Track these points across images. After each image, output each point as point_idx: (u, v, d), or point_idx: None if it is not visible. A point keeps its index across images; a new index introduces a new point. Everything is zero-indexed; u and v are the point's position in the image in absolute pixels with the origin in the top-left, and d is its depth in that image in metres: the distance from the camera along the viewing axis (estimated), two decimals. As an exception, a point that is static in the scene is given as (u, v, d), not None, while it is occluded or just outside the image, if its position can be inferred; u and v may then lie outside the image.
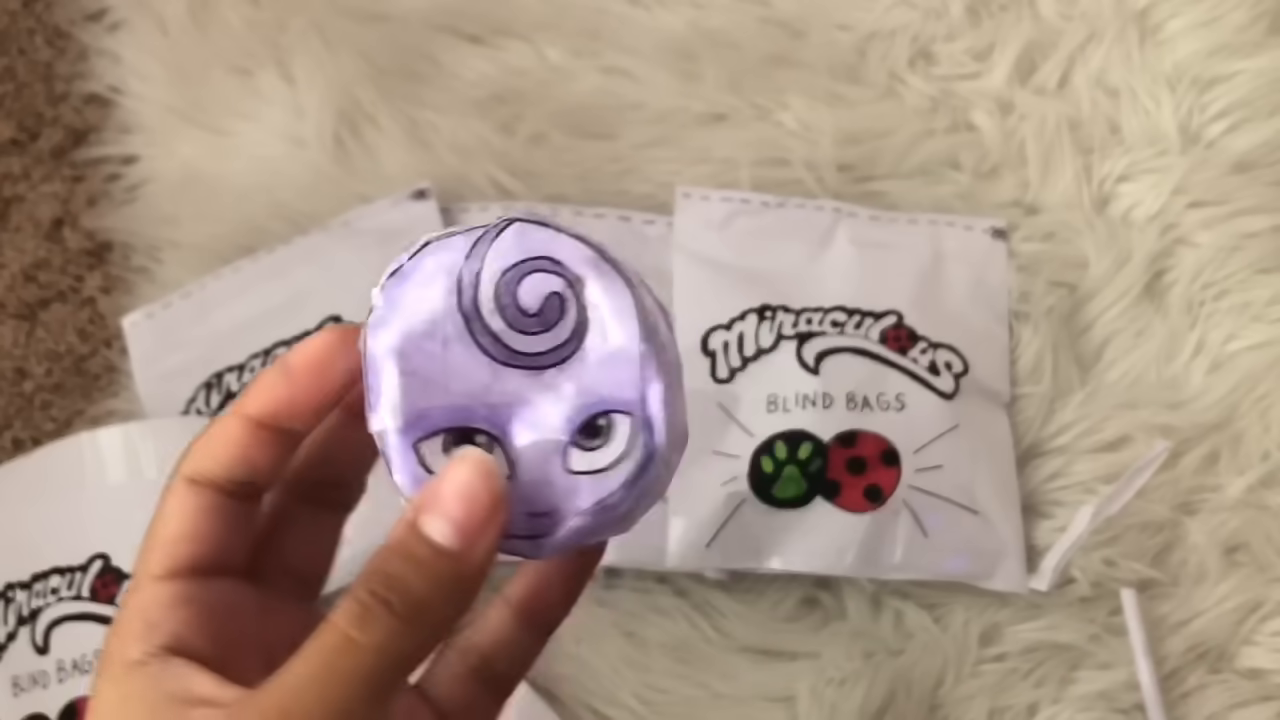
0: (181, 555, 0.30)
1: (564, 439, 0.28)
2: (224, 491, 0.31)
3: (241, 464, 0.31)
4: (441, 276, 0.28)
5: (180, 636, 0.29)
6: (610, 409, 0.28)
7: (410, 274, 0.29)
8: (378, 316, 0.28)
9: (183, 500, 0.31)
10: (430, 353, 0.28)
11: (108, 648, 0.30)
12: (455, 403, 0.28)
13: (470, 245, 0.29)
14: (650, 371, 0.28)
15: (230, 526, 0.31)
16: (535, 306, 0.28)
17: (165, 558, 0.30)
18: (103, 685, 0.29)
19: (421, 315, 0.28)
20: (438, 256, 0.29)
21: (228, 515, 0.31)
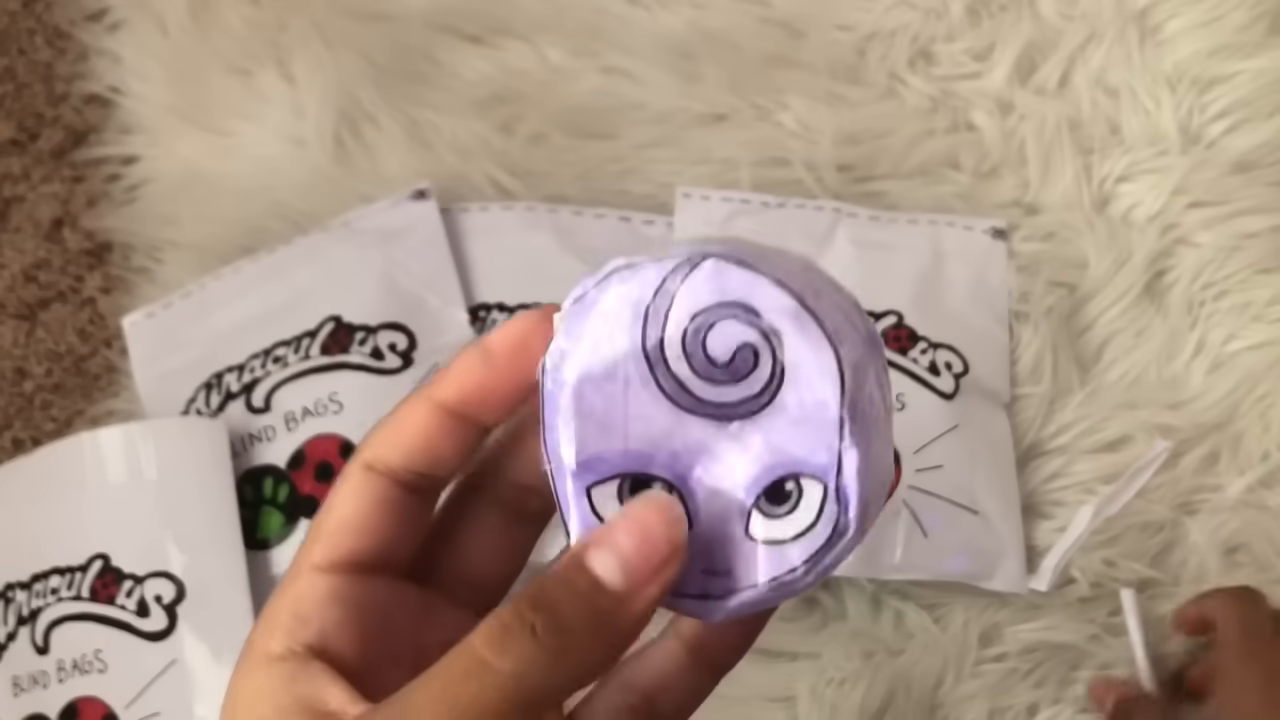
0: (346, 547, 0.28)
1: (747, 501, 0.26)
2: (401, 483, 0.29)
3: (425, 454, 0.29)
4: (626, 312, 0.26)
5: (327, 636, 0.28)
6: (800, 473, 0.26)
7: (593, 304, 0.26)
8: (557, 348, 0.27)
9: (357, 488, 0.29)
10: (610, 394, 0.26)
11: (254, 632, 0.28)
12: (633, 448, 0.27)
13: (660, 280, 0.26)
14: (849, 438, 0.26)
15: (403, 521, 0.29)
16: (725, 357, 0.26)
17: (329, 547, 0.28)
18: (240, 673, 0.28)
19: (602, 353, 0.26)
20: (624, 288, 0.26)
21: (402, 509, 0.29)
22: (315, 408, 0.59)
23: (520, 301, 0.62)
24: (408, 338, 0.60)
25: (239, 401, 0.60)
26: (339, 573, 0.28)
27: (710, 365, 0.26)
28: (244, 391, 0.60)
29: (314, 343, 0.60)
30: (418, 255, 0.62)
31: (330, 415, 0.58)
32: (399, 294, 0.61)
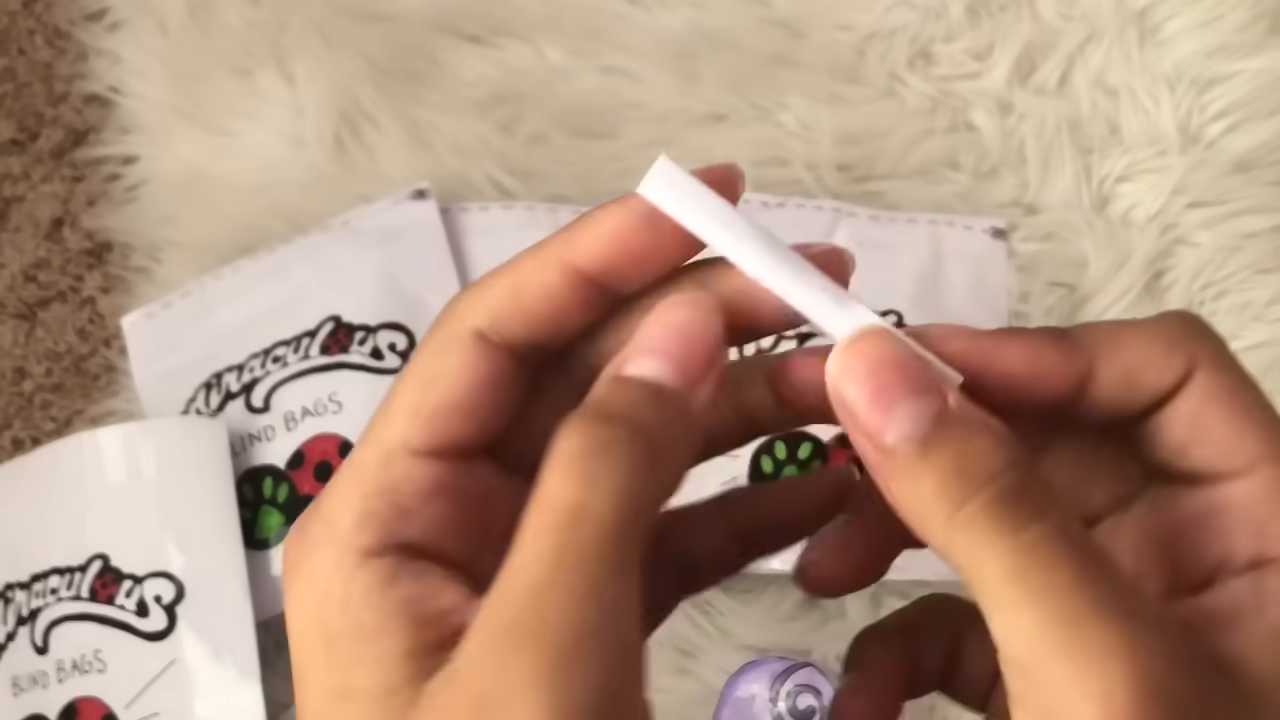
0: (453, 431, 0.25)
1: None
2: (516, 356, 0.26)
3: (551, 325, 0.25)
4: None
5: (431, 532, 0.25)
6: None
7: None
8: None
9: (468, 360, 0.25)
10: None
11: (325, 520, 0.25)
12: None
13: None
14: None
15: (511, 400, 0.26)
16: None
17: (434, 430, 0.25)
18: (316, 570, 0.24)
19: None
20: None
21: (512, 387, 0.26)
22: (315, 408, 0.59)
23: (520, 301, 0.62)
24: (408, 338, 0.60)
25: (239, 401, 0.60)
26: (443, 459, 0.25)
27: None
28: (244, 391, 0.60)
29: (314, 342, 0.60)
30: (418, 255, 0.62)
31: (330, 415, 0.58)
32: (399, 294, 0.61)
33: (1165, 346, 0.25)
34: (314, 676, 0.24)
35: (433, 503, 0.25)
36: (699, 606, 0.58)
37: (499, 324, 0.25)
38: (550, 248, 0.26)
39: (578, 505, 0.22)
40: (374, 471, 0.25)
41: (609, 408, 0.23)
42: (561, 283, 0.25)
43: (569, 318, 0.26)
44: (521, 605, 0.21)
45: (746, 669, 0.50)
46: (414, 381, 0.25)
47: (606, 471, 0.22)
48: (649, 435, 0.23)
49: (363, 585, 0.24)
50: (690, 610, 0.58)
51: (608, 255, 0.25)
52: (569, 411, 0.25)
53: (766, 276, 0.25)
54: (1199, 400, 0.25)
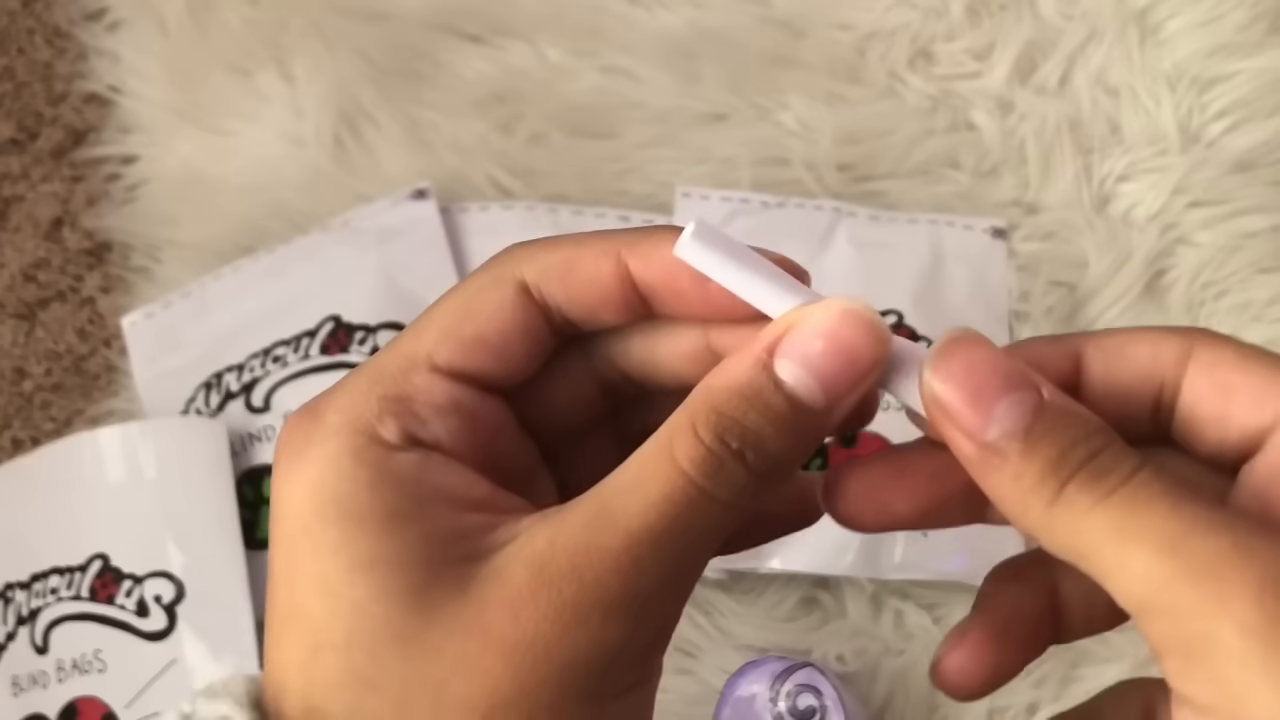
0: (478, 362, 0.26)
1: None
2: (552, 322, 0.27)
3: (591, 311, 0.27)
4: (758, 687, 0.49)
5: (442, 443, 0.26)
6: None
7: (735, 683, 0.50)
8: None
9: (508, 305, 0.26)
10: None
11: (338, 405, 0.26)
12: None
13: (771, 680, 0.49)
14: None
15: (537, 355, 0.27)
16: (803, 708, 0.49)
17: (459, 355, 0.26)
18: (332, 447, 0.25)
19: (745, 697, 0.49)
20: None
21: (541, 344, 0.27)
22: (315, 407, 0.59)
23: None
24: (408, 337, 0.60)
25: (239, 401, 0.60)
26: (463, 383, 0.26)
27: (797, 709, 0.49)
28: (244, 391, 0.60)
29: (314, 342, 0.60)
30: (417, 255, 0.62)
31: (330, 415, 0.58)
32: (399, 293, 0.61)
33: (1153, 332, 0.26)
34: (316, 552, 0.25)
35: (447, 418, 0.26)
36: (699, 606, 0.58)
37: (546, 286, 0.27)
38: (617, 242, 0.27)
39: (704, 492, 0.24)
40: (394, 376, 0.26)
41: (750, 422, 0.24)
42: (613, 278, 0.27)
43: (608, 309, 0.27)
44: (638, 543, 0.24)
45: (746, 669, 0.50)
46: (452, 306, 0.27)
47: (735, 478, 0.24)
48: (777, 458, 0.25)
49: (394, 471, 0.25)
50: (690, 610, 0.58)
51: (660, 280, 0.27)
52: (580, 390, 0.28)
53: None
54: (1214, 365, 0.25)
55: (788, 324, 0.25)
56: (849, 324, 0.25)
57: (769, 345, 0.25)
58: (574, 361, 0.28)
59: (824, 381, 0.25)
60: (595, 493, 0.25)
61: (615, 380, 0.29)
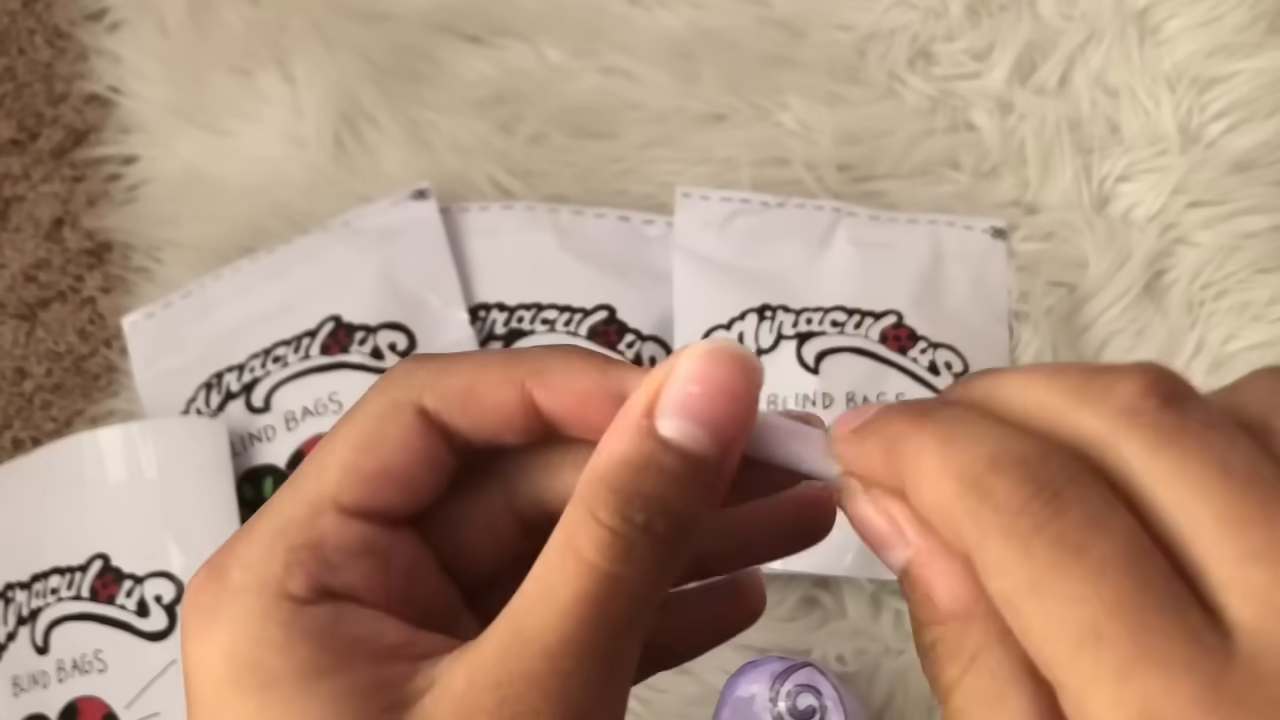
0: (387, 497, 0.25)
1: None
2: (454, 447, 0.26)
3: (493, 436, 0.26)
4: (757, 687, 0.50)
5: (355, 590, 0.25)
6: None
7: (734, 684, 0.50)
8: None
9: (412, 433, 0.26)
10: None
11: (245, 560, 0.24)
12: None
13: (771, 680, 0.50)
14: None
15: (444, 483, 0.26)
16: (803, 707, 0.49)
17: (364, 491, 0.25)
18: (240, 608, 0.24)
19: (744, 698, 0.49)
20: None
21: (448, 471, 0.26)
22: (315, 407, 0.59)
23: (520, 301, 0.62)
24: (408, 337, 0.60)
25: (239, 401, 0.60)
26: (371, 522, 0.25)
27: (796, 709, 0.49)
28: (244, 391, 0.60)
29: (314, 342, 0.60)
30: (418, 255, 0.62)
31: (330, 415, 0.59)
32: (399, 294, 0.61)
33: (944, 519, 0.23)
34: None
35: (359, 561, 0.25)
36: (699, 606, 0.58)
37: (445, 413, 0.26)
38: (518, 367, 0.26)
39: (614, 577, 0.23)
40: (300, 524, 0.25)
41: (646, 488, 0.23)
42: (516, 407, 0.26)
43: (511, 434, 0.26)
44: (554, 646, 0.23)
45: (746, 669, 0.50)
46: (351, 440, 0.26)
47: (646, 553, 0.23)
48: (682, 518, 0.24)
49: (306, 628, 0.24)
50: (690, 610, 0.58)
51: (568, 408, 0.26)
52: (495, 507, 0.27)
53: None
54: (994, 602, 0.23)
55: (656, 383, 0.24)
56: (718, 361, 0.24)
57: (645, 408, 0.24)
58: (490, 497, 0.27)
59: (710, 427, 0.24)
60: (505, 616, 0.24)
61: (534, 515, 0.28)
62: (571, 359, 0.26)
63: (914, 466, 0.23)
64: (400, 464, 0.25)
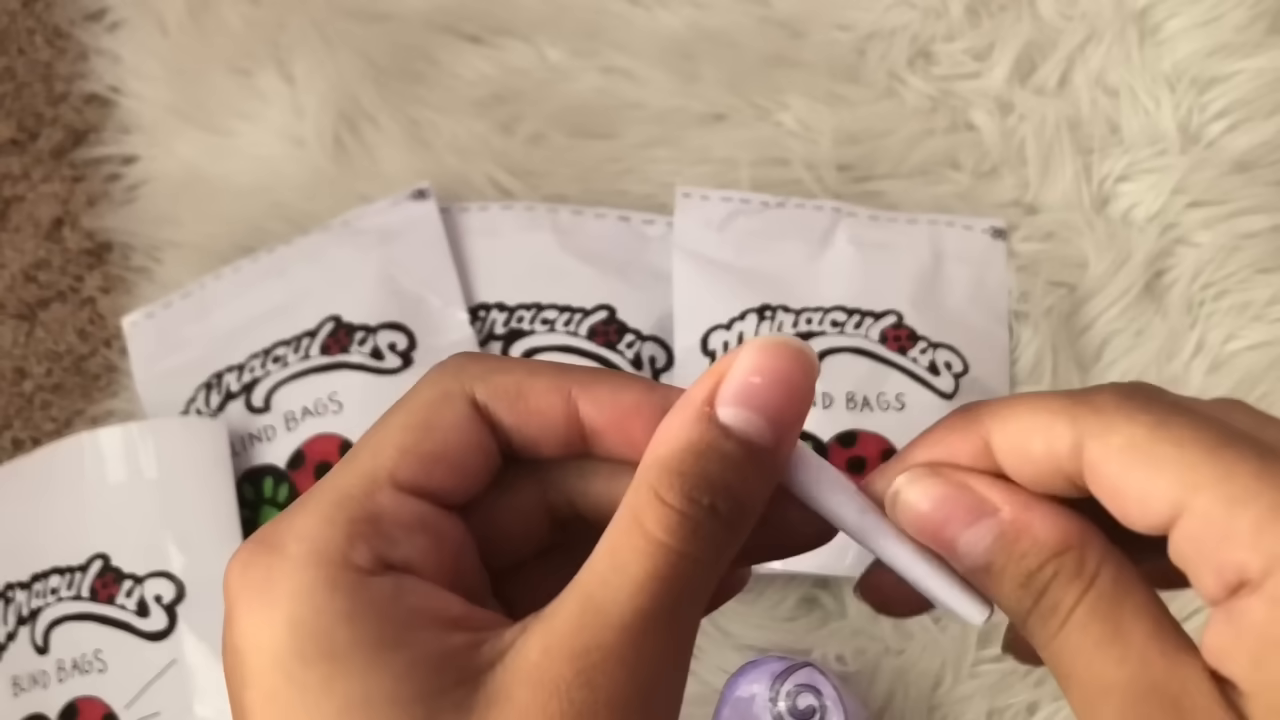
0: (439, 480, 0.26)
1: None
2: (500, 439, 0.27)
3: (537, 437, 0.27)
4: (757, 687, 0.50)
5: (413, 565, 0.25)
6: None
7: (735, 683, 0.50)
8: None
9: (466, 422, 0.26)
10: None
11: (301, 531, 0.25)
12: None
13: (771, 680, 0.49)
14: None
15: (490, 473, 0.27)
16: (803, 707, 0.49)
17: (421, 472, 0.26)
18: (301, 579, 0.24)
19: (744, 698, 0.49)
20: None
21: (494, 463, 0.27)
22: (315, 407, 0.59)
23: (520, 301, 0.62)
24: (408, 337, 0.60)
25: (239, 401, 0.60)
26: (425, 500, 0.26)
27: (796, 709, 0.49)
28: (244, 391, 0.60)
29: (314, 342, 0.60)
30: (417, 255, 0.62)
31: (330, 415, 0.58)
32: (399, 294, 0.61)
33: (1048, 416, 0.25)
34: (304, 698, 0.23)
35: (416, 537, 0.25)
36: (699, 606, 0.58)
37: (495, 407, 0.27)
38: (567, 377, 0.27)
39: (681, 555, 0.24)
40: (359, 498, 0.25)
41: (709, 472, 0.24)
42: (560, 414, 0.27)
43: (550, 443, 0.27)
44: (612, 628, 0.24)
45: (746, 669, 0.50)
46: (408, 422, 0.26)
47: (710, 532, 0.24)
48: (743, 502, 0.25)
49: (372, 598, 0.24)
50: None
51: (611, 421, 0.27)
52: (530, 501, 0.28)
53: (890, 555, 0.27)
54: (1100, 465, 0.25)
55: (718, 373, 0.25)
56: (779, 355, 0.25)
57: (706, 397, 0.25)
58: (527, 492, 0.28)
59: (770, 416, 0.25)
60: (575, 590, 0.24)
61: (566, 512, 0.28)
62: (619, 377, 0.27)
63: (1005, 405, 0.25)
64: (454, 449, 0.26)
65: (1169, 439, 0.24)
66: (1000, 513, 0.25)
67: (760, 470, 0.25)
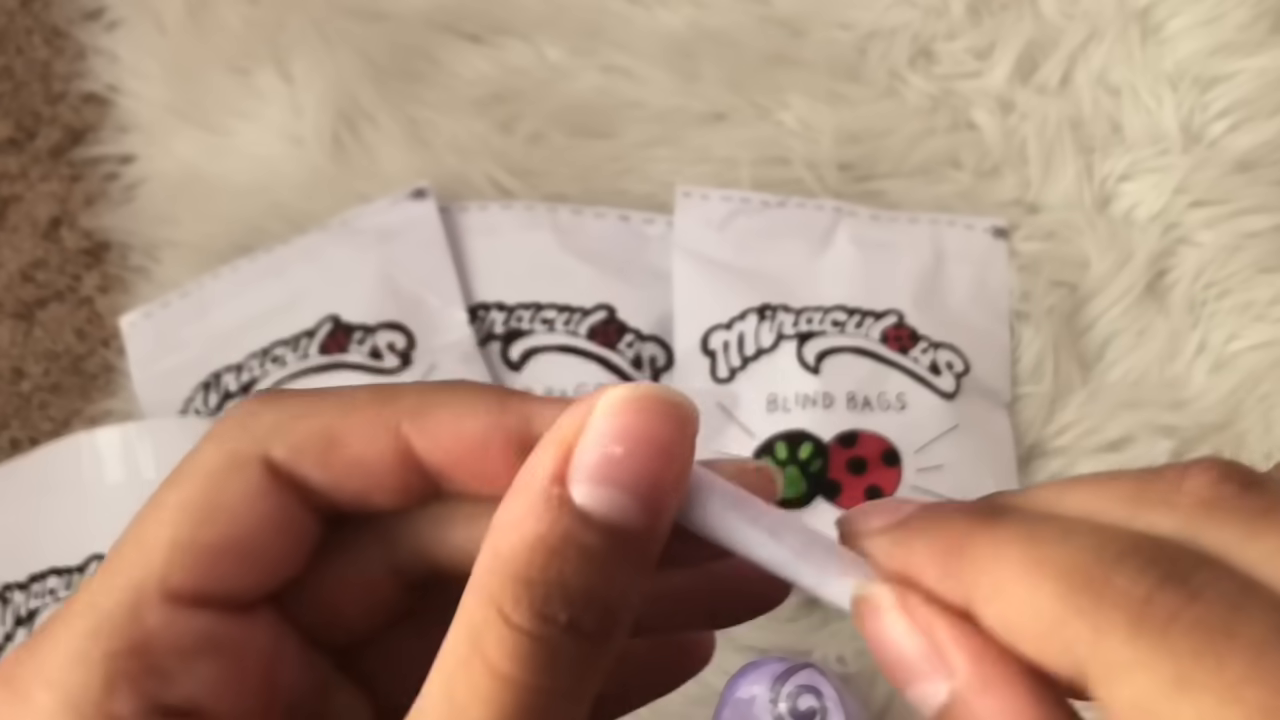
0: (230, 577, 0.20)
1: None
2: (313, 505, 0.21)
3: (361, 492, 0.21)
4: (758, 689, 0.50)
5: (200, 698, 0.20)
6: None
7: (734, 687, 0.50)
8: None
9: (254, 496, 0.21)
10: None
11: (48, 674, 0.19)
12: None
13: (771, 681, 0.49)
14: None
15: (303, 549, 0.21)
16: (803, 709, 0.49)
17: (201, 572, 0.20)
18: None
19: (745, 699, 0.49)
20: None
21: (306, 536, 0.21)
22: (314, 408, 0.59)
23: (519, 301, 0.61)
24: (406, 337, 0.60)
25: (237, 401, 0.60)
26: (213, 610, 0.20)
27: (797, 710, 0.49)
28: (242, 391, 0.60)
29: (312, 342, 0.60)
30: (417, 255, 0.62)
31: (329, 415, 0.58)
32: (398, 294, 0.61)
33: (1049, 622, 0.18)
34: None
35: (199, 662, 0.20)
36: (699, 607, 0.58)
37: (301, 466, 0.21)
38: (391, 407, 0.21)
39: (538, 690, 0.19)
40: (121, 623, 0.20)
41: (568, 578, 0.19)
42: (389, 457, 0.21)
43: (383, 494, 0.21)
44: None
45: (747, 670, 0.50)
46: (182, 504, 0.20)
47: (572, 653, 0.19)
48: (612, 607, 0.19)
49: None
50: (690, 611, 0.58)
51: (455, 458, 0.21)
52: (370, 569, 0.22)
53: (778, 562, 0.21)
54: (1103, 704, 0.18)
55: (565, 440, 0.19)
56: (643, 415, 0.19)
57: (554, 474, 0.19)
58: (364, 559, 0.22)
59: (639, 492, 0.19)
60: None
61: (418, 572, 0.23)
62: (458, 395, 0.21)
63: (992, 569, 0.19)
64: (245, 533, 0.20)
65: (1190, 713, 0.17)
66: (951, 680, 0.19)
67: (631, 561, 0.19)
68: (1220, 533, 0.18)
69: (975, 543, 0.19)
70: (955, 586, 0.19)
